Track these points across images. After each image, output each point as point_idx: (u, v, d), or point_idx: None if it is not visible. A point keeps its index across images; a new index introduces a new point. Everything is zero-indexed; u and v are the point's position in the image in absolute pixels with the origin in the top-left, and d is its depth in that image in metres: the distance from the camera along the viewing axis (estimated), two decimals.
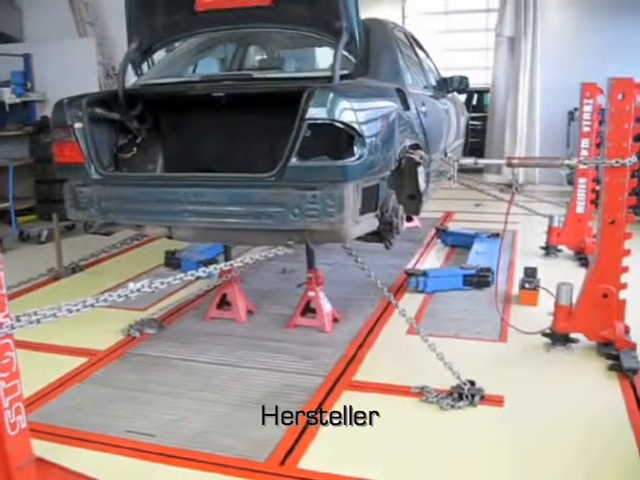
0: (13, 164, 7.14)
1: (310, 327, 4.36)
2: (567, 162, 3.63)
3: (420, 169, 4.32)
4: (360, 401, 3.36)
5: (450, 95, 6.10)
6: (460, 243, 6.40)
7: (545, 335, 3.95)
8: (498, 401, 3.30)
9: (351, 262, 4.67)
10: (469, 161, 3.81)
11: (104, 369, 3.86)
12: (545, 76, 10.13)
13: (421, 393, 3.36)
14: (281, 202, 3.27)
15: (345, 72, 3.69)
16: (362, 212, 3.47)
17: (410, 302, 4.86)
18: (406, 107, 4.01)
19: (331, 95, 3.17)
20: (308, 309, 4.41)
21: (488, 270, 5.10)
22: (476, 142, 10.96)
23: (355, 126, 3.19)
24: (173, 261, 5.89)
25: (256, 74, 4.09)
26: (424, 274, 5.07)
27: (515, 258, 6.00)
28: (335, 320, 4.44)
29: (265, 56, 4.81)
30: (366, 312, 4.66)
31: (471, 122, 11.53)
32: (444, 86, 5.82)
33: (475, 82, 12.87)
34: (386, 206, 3.91)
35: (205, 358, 3.96)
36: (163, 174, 4.03)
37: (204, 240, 3.99)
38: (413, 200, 4.51)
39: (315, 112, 3.14)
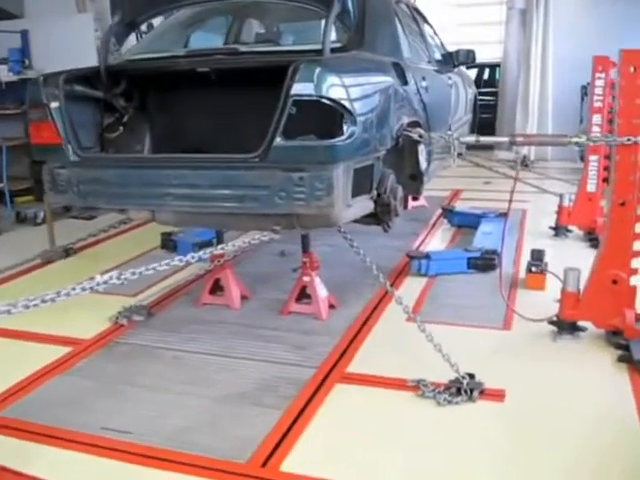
0: (6, 144, 6.96)
1: (305, 314, 4.17)
2: (575, 140, 3.38)
3: (421, 147, 4.09)
4: (352, 395, 3.18)
5: (456, 70, 5.83)
6: (467, 223, 6.16)
7: (551, 323, 3.74)
8: (499, 396, 3.10)
9: (354, 243, 4.49)
10: (470, 139, 3.59)
11: (87, 359, 3.69)
12: (558, 50, 9.76)
13: (417, 387, 3.17)
14: (266, 185, 3.06)
15: (338, 45, 3.46)
16: (355, 194, 3.25)
17: (411, 286, 4.68)
18: (404, 82, 3.77)
19: (318, 69, 2.94)
20: (304, 295, 4.22)
21: (494, 252, 4.87)
22: (488, 118, 10.67)
23: (344, 103, 2.97)
24: (169, 243, 5.71)
25: (243, 48, 3.85)
26: (427, 256, 4.86)
27: (523, 239, 5.77)
28: (331, 306, 4.24)
29: (260, 30, 4.56)
30: (365, 297, 4.46)
31: (482, 97, 11.24)
32: (450, 60, 5.56)
33: (488, 57, 12.58)
34: (383, 187, 3.70)
35: (193, 347, 3.78)
36: (142, 155, 3.83)
37: (188, 224, 3.81)
38: (414, 180, 4.30)
39: (300, 88, 2.92)
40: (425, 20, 5.52)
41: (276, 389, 3.26)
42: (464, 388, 3.07)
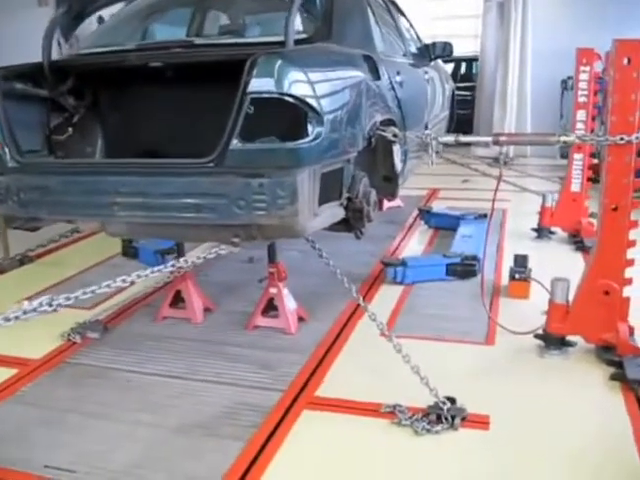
0: None
1: (272, 328, 3.87)
2: (564, 139, 3.10)
3: (396, 147, 3.81)
4: (321, 424, 2.88)
5: (433, 63, 5.55)
6: (445, 225, 5.90)
7: (537, 337, 3.47)
8: (483, 422, 2.82)
9: (325, 248, 4.19)
10: (449, 139, 3.28)
11: (33, 383, 3.35)
12: (537, 43, 9.49)
13: (393, 413, 2.87)
14: (223, 192, 2.74)
15: (303, 36, 3.15)
16: (322, 201, 2.95)
17: (386, 295, 4.38)
18: (376, 77, 3.47)
19: (278, 63, 2.62)
20: (271, 307, 3.91)
21: (474, 258, 4.60)
22: (465, 114, 10.42)
23: (309, 100, 2.66)
24: (130, 250, 5.36)
25: (200, 41, 3.52)
26: (402, 263, 4.57)
27: (504, 242, 5.50)
28: (301, 319, 3.94)
29: (223, 21, 4.22)
30: (337, 308, 4.15)
31: (460, 92, 10.97)
32: (426, 54, 5.29)
33: (464, 50, 12.32)
34: (355, 191, 3.41)
35: (150, 368, 3.45)
36: (84, 160, 3.48)
37: (140, 236, 3.48)
38: (389, 182, 4.01)
39: (258, 84, 2.60)
40: (400, 11, 5.22)
41: (238, 417, 2.95)
42: (444, 415, 2.78)
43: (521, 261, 4.31)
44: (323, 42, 3.21)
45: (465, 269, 4.55)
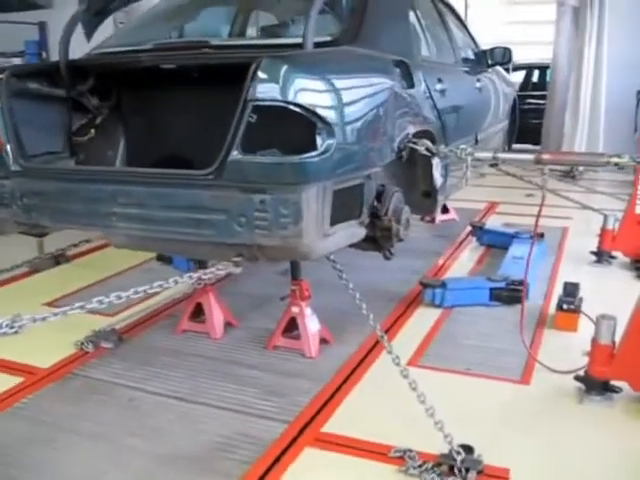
0: None
1: (292, 349, 3.62)
2: (615, 160, 2.74)
3: (435, 161, 3.51)
4: (322, 465, 2.62)
5: (491, 70, 5.20)
6: (497, 243, 5.50)
7: (578, 379, 3.09)
8: (501, 478, 2.49)
9: (366, 262, 3.95)
10: (486, 155, 2.97)
11: (35, 395, 3.22)
12: (613, 51, 8.85)
13: (402, 458, 2.58)
14: (222, 208, 2.52)
15: (327, 39, 2.90)
16: (337, 221, 2.68)
17: (422, 319, 4.07)
18: (410, 85, 3.18)
19: (284, 68, 2.37)
20: (294, 326, 3.66)
21: (521, 283, 4.21)
22: (537, 124, 9.94)
23: (318, 110, 2.40)
24: (165, 255, 5.23)
25: (216, 41, 3.31)
26: (442, 285, 4.24)
27: (559, 265, 5.08)
28: (324, 341, 3.68)
29: (249, 21, 4.01)
30: (366, 331, 3.85)
31: (531, 101, 10.50)
32: (483, 60, 4.95)
33: (538, 57, 11.76)
34: (385, 208, 3.15)
35: (156, 387, 3.27)
36: (84, 167, 3.32)
37: (143, 249, 3.32)
38: (428, 198, 3.72)
39: (261, 91, 2.36)
40: (455, 14, 4.89)
41: (234, 450, 2.72)
42: (457, 466, 2.47)
43: (571, 290, 3.92)
44: (349, 45, 2.94)
45: (511, 295, 4.18)
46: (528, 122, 9.88)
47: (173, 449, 2.74)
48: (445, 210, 6.51)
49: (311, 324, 3.60)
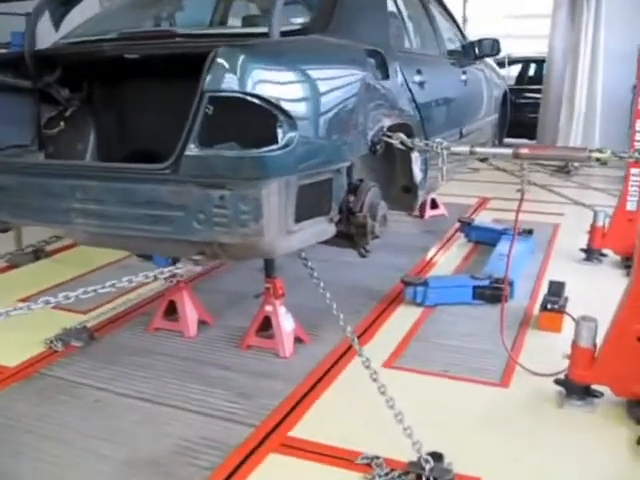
0: None
1: (266, 348, 3.52)
2: (596, 155, 2.62)
3: (414, 155, 3.40)
4: (285, 472, 2.52)
5: (479, 62, 5.08)
6: (485, 239, 5.39)
7: (558, 383, 2.98)
8: None
9: (349, 259, 3.84)
10: (463, 149, 2.85)
11: None
12: (609, 43, 8.73)
13: (369, 465, 2.48)
14: (181, 204, 2.40)
15: (296, 27, 2.78)
16: (303, 217, 2.57)
17: (403, 318, 3.96)
18: (385, 76, 3.06)
19: (241, 57, 2.24)
20: (268, 325, 3.56)
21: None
22: (533, 118, 9.83)
23: (278, 102, 2.28)
24: None
25: (185, 30, 3.20)
26: (424, 283, 4.13)
27: (548, 263, 4.96)
28: (300, 340, 3.57)
29: (220, 9, 3.89)
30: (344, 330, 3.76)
31: (528, 95, 10.37)
32: (470, 52, 4.82)
33: (535, 51, 11.62)
34: (359, 203, 3.04)
35: (123, 387, 3.17)
36: (41, 161, 3.20)
37: (103, 246, 3.21)
38: (408, 193, 3.61)
39: (217, 81, 2.24)
40: (442, 5, 4.77)
41: (198, 455, 2.61)
42: (426, 475, 2.36)
43: (556, 289, 3.81)
44: (320, 34, 2.82)
45: (494, 293, 4.06)
46: (525, 116, 9.76)
47: (134, 453, 2.64)
48: (434, 205, 6.41)
49: (285, 323, 3.49)
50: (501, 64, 9.71)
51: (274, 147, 2.28)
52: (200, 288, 4.42)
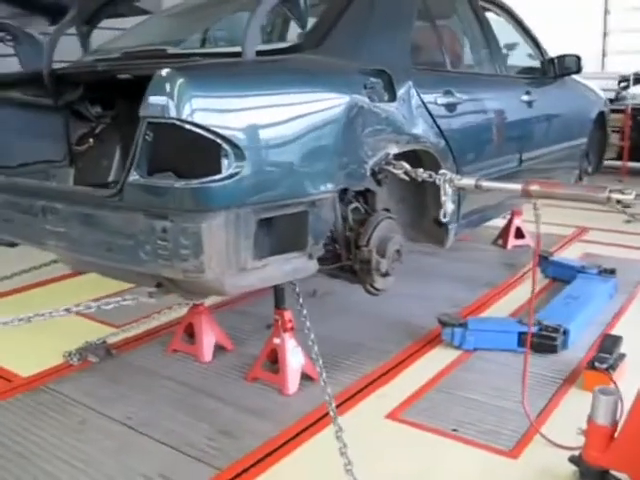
0: None
1: (272, 383, 3.32)
2: (617, 197, 2.20)
3: (444, 185, 3.07)
4: None
5: (562, 80, 4.61)
6: (562, 276, 4.86)
7: (573, 461, 2.54)
8: None
9: (406, 287, 3.63)
10: (468, 182, 2.51)
11: None
12: None
13: None
14: (128, 232, 2.27)
15: (284, 45, 2.57)
16: (267, 253, 2.35)
17: (432, 362, 3.60)
18: (391, 97, 2.77)
19: (179, 81, 2.06)
20: (277, 357, 3.36)
21: (556, 330, 3.65)
22: None
23: (221, 130, 2.07)
24: None
25: (173, 49, 3.07)
26: (463, 324, 3.74)
27: (628, 309, 4.35)
28: (308, 378, 3.33)
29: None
30: (362, 370, 3.49)
31: None
32: (550, 70, 4.37)
33: None
34: (366, 237, 2.80)
35: (113, 410, 3.09)
36: (21, 180, 3.15)
37: (78, 268, 3.13)
38: (440, 227, 3.30)
39: (153, 106, 2.08)
40: (515, 20, 4.35)
41: None
42: None
43: (609, 344, 3.33)
44: (311, 52, 2.58)
45: (541, 342, 3.61)
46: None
47: None
48: (520, 235, 5.90)
49: (293, 359, 3.28)
50: (624, 82, 8.87)
51: (216, 177, 2.08)
52: (237, 310, 4.33)
